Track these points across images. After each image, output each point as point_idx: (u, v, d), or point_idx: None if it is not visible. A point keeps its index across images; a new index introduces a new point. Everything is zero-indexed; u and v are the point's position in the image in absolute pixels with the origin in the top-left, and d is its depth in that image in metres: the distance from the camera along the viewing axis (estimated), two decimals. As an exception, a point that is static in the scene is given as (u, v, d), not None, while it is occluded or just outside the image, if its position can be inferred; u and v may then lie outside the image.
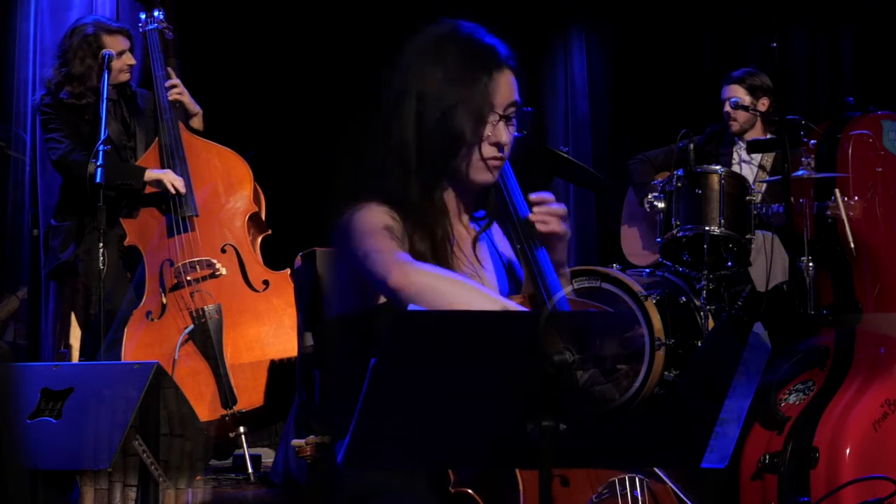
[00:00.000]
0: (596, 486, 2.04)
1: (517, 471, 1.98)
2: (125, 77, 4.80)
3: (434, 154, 2.20)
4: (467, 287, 2.02)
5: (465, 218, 2.32)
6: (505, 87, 2.22)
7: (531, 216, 2.19)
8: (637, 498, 2.06)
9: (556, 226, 2.19)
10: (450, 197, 2.28)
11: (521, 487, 1.97)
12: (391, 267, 2.04)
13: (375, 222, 2.15)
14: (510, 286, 2.32)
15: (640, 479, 2.07)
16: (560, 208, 2.21)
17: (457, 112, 2.18)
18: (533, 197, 2.21)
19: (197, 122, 4.92)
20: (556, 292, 2.12)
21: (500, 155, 2.22)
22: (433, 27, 2.30)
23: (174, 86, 4.83)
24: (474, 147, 2.20)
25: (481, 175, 2.23)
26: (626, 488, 2.06)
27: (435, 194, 2.24)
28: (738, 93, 5.45)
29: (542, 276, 2.15)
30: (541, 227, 2.18)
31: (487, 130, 2.21)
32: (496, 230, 2.39)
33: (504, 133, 2.21)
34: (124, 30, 4.84)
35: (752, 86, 5.43)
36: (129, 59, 4.79)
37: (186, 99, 4.87)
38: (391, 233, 2.14)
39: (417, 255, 2.15)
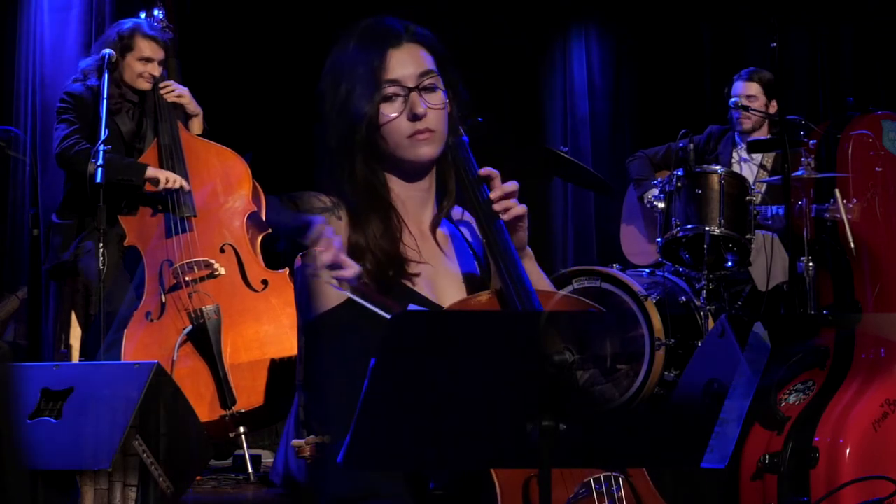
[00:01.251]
0: (572, 486, 2.04)
1: (492, 471, 1.97)
2: (143, 85, 4.79)
3: (341, 136, 2.20)
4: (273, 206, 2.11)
5: (430, 209, 2.31)
6: (407, 60, 2.20)
7: (495, 206, 2.16)
8: (614, 495, 2.05)
9: (516, 209, 2.17)
10: (402, 187, 2.27)
11: (497, 489, 1.97)
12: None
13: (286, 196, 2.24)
14: (482, 273, 2.30)
15: (615, 477, 2.06)
16: (511, 186, 2.18)
17: (353, 94, 2.19)
18: (483, 172, 2.19)
19: (196, 125, 4.91)
20: (527, 288, 2.11)
21: (421, 127, 2.19)
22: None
23: (169, 88, 4.82)
24: (390, 124, 2.19)
25: (412, 152, 2.21)
26: (601, 486, 2.05)
27: (374, 185, 2.24)
28: (753, 90, 5.44)
29: (511, 272, 2.12)
30: (505, 217, 2.16)
31: (398, 107, 2.20)
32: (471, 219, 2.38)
33: (418, 105, 2.18)
34: (161, 41, 4.82)
35: (769, 85, 5.42)
36: (154, 68, 4.78)
37: (186, 100, 4.85)
38: (292, 200, 2.21)
39: (360, 248, 2.16)
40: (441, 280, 2.24)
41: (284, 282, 4.60)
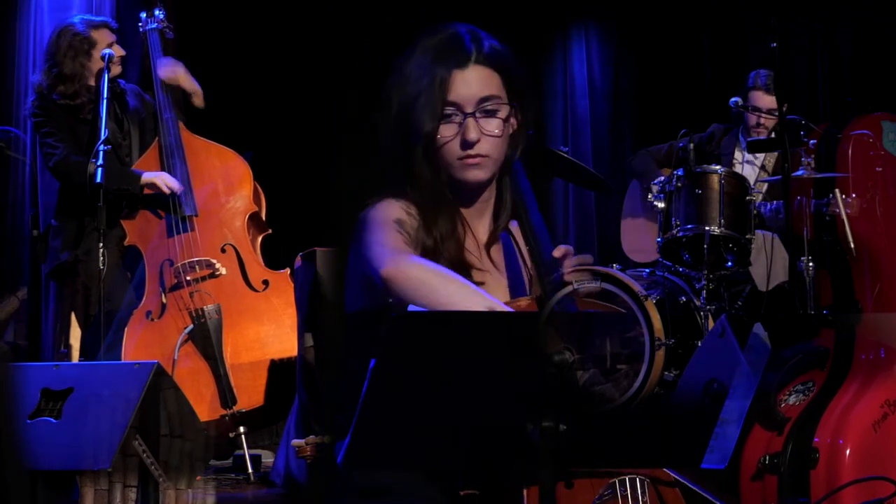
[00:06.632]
0: (598, 488, 2.05)
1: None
2: (117, 70, 4.79)
3: (398, 146, 2.20)
4: (459, 284, 2.02)
5: (486, 221, 2.32)
6: (470, 83, 2.19)
7: (566, 277, 2.15)
8: (639, 498, 2.06)
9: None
10: (460, 198, 2.27)
11: (524, 490, 1.97)
12: (386, 258, 2.04)
13: (387, 215, 2.17)
14: (530, 290, 2.31)
15: (640, 480, 2.07)
16: (587, 257, 2.21)
17: (415, 105, 2.17)
18: (559, 251, 2.18)
19: (197, 101, 4.90)
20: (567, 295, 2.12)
21: (472, 153, 2.20)
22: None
23: (167, 67, 4.83)
24: (445, 145, 2.19)
25: (462, 174, 2.22)
26: (626, 489, 2.06)
27: (439, 189, 2.23)
28: (775, 103, 5.39)
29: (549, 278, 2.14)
30: (578, 286, 2.16)
31: (454, 129, 2.19)
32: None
33: (472, 131, 2.19)
34: (106, 23, 4.86)
35: (778, 84, 5.36)
36: (118, 50, 4.78)
37: (182, 77, 4.85)
38: (401, 227, 2.15)
39: (429, 250, 2.16)
40: (495, 292, 2.24)
41: (285, 282, 4.61)
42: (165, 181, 4.61)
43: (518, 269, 2.34)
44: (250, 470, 4.43)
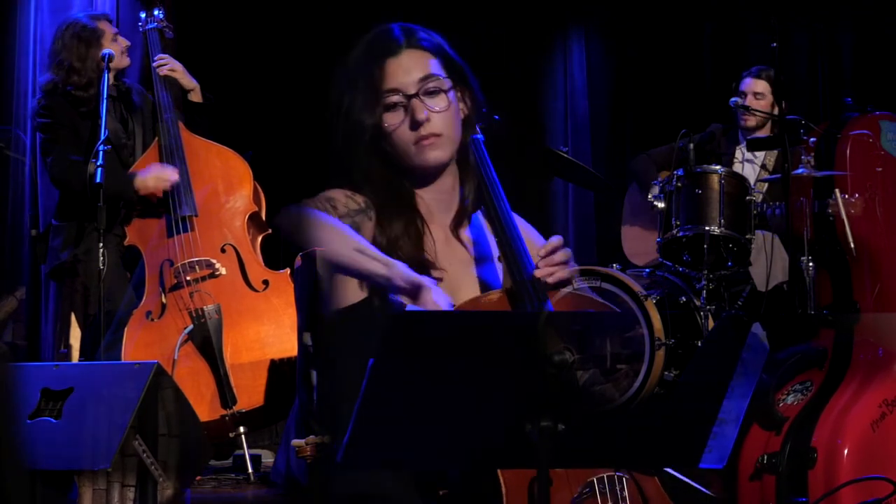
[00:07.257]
0: (576, 486, 2.05)
1: (498, 471, 1.98)
2: (125, 61, 4.79)
3: (344, 146, 2.22)
4: (341, 235, 2.09)
5: (454, 209, 2.31)
6: (407, 67, 2.21)
7: (538, 272, 2.13)
8: (618, 495, 2.06)
9: (560, 274, 2.16)
10: (423, 191, 2.27)
11: (503, 489, 1.98)
12: (283, 211, 2.13)
13: (320, 195, 2.22)
14: (503, 279, 2.30)
15: (619, 477, 2.07)
16: (561, 255, 2.16)
17: (354, 103, 2.21)
18: (541, 251, 2.16)
19: (195, 97, 4.90)
20: (538, 287, 2.11)
21: (425, 133, 2.20)
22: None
23: (164, 63, 4.82)
24: (394, 132, 2.20)
25: (419, 158, 2.22)
26: (605, 486, 2.06)
27: (396, 188, 2.24)
28: (761, 87, 5.42)
29: (521, 272, 2.13)
30: (550, 281, 2.14)
31: (400, 115, 2.20)
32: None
33: (419, 110, 2.19)
34: (105, 15, 4.87)
35: (777, 83, 5.38)
36: (122, 41, 4.79)
37: (180, 74, 4.85)
38: (329, 202, 2.19)
39: (383, 249, 2.15)
40: (462, 284, 2.24)
41: (285, 282, 4.60)
42: (160, 176, 4.59)
43: (490, 258, 2.33)
44: (250, 470, 4.43)
